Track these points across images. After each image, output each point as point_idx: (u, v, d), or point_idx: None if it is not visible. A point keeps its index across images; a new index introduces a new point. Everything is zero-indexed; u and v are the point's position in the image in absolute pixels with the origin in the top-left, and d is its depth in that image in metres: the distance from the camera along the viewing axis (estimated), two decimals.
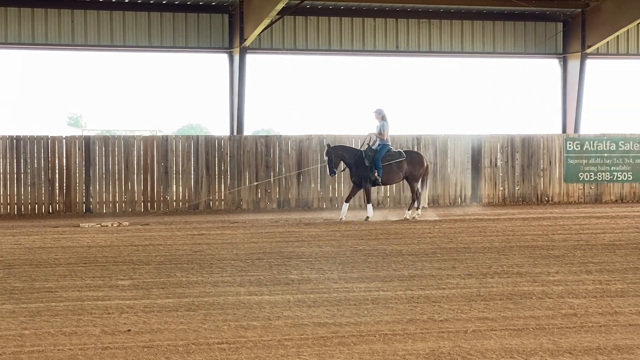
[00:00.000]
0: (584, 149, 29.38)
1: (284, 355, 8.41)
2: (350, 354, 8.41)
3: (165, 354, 8.50)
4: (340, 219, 23.09)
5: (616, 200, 29.48)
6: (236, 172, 27.22)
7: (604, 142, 29.51)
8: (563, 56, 31.03)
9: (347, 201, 23.70)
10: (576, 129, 30.60)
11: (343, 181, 27.85)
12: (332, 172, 23.60)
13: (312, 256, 15.47)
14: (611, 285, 12.22)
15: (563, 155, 29.21)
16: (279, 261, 14.85)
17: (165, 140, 27.18)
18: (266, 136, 28.83)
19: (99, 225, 21.99)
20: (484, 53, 30.82)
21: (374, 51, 29.91)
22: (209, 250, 16.47)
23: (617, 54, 31.72)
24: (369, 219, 22.96)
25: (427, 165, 24.22)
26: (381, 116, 23.31)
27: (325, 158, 23.70)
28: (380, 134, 23.31)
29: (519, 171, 28.92)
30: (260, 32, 27.61)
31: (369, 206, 23.39)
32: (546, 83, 32.49)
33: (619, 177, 29.60)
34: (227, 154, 27.21)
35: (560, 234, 19.10)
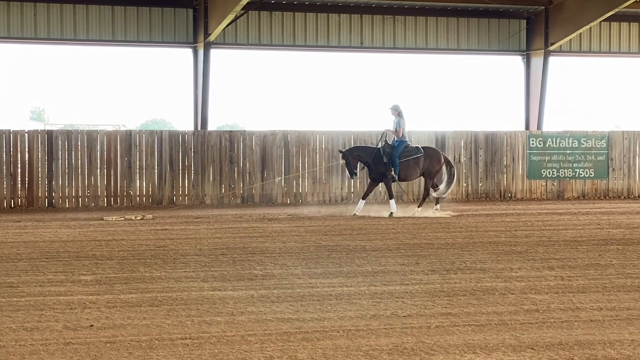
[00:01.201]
0: (547, 145, 29.55)
1: (248, 350, 8.40)
2: (313, 350, 8.41)
3: (128, 350, 8.47)
4: (354, 214, 22.99)
5: (578, 197, 29.68)
6: (200, 167, 27.14)
7: (567, 139, 29.70)
8: (526, 53, 31.19)
9: (363, 198, 23.70)
10: (539, 126, 30.77)
11: (307, 177, 27.86)
12: (353, 174, 23.74)
13: (275, 252, 15.46)
14: (573, 281, 12.30)
15: (526, 152, 29.37)
16: (243, 257, 14.83)
17: (129, 135, 27.06)
18: (230, 131, 28.78)
19: (122, 219, 22.10)
20: (448, 50, 30.92)
21: (339, 47, 29.91)
22: (172, 246, 16.41)
23: (580, 52, 31.93)
24: (393, 215, 22.86)
25: (446, 160, 24.11)
26: (397, 112, 23.33)
27: (342, 162, 23.72)
28: (396, 130, 23.32)
29: (483, 167, 29.05)
30: (225, 27, 27.53)
31: (392, 202, 23.37)
32: (510, 80, 32.66)
33: (581, 174, 29.80)
34: (191, 149, 27.12)
35: (523, 230, 19.21)
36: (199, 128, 28.23)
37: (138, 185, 26.83)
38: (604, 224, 20.65)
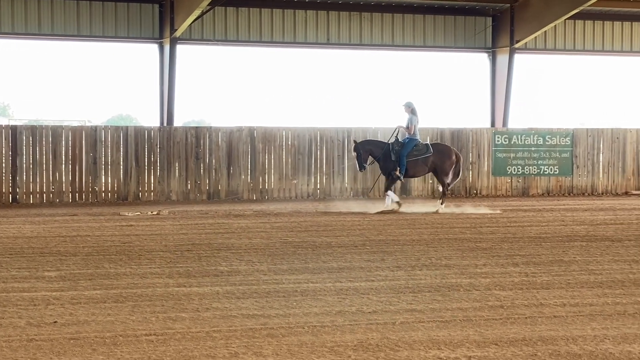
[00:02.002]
0: (512, 142, 29.71)
1: (212, 347, 8.38)
2: (278, 346, 8.41)
3: (92, 346, 8.43)
4: (394, 207, 23.01)
5: (543, 194, 29.86)
6: (166, 163, 27.07)
7: (532, 136, 29.86)
8: (492, 50, 31.32)
9: (388, 192, 23.61)
10: (504, 123, 30.91)
11: (273, 173, 27.85)
12: (362, 167, 23.76)
13: (241, 248, 15.44)
14: (537, 277, 12.37)
15: (492, 148, 29.51)
16: (208, 253, 14.80)
17: (94, 131, 26.93)
18: (196, 127, 28.73)
19: (139, 213, 22.21)
20: (414, 46, 30.96)
21: (305, 43, 29.89)
22: (137, 242, 16.35)
23: (545, 49, 32.11)
24: (383, 211, 22.83)
25: (458, 156, 24.12)
26: (410, 109, 23.32)
27: (354, 154, 23.75)
28: (408, 127, 23.31)
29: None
30: (191, 23, 27.46)
31: (387, 198, 23.43)
32: (476, 77, 32.81)
33: (546, 171, 29.99)
34: (156, 145, 27.04)
35: (488, 226, 19.29)
36: (165, 124, 28.13)
37: (103, 181, 26.72)
38: (568, 220, 20.78)
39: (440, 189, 24.23)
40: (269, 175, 27.96)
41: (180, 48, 28.35)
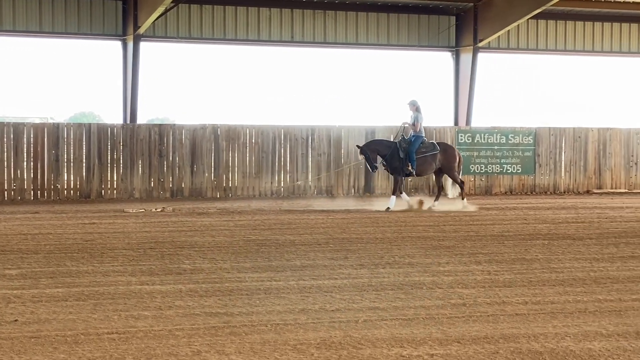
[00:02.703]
0: (475, 141, 29.85)
1: (175, 345, 8.35)
2: (241, 344, 8.39)
3: (53, 344, 8.37)
4: (408, 205, 23.33)
5: (505, 192, 30.02)
6: (129, 160, 26.95)
7: (495, 134, 30.01)
8: (456, 49, 31.44)
9: (394, 194, 23.75)
10: (468, 122, 31.04)
11: (236, 171, 27.80)
12: (374, 168, 23.84)
13: (204, 246, 15.40)
14: (499, 275, 12.43)
15: (455, 147, 29.60)
16: (172, 251, 14.75)
17: (56, 128, 26.76)
18: (160, 125, 28.62)
19: (143, 210, 22.27)
20: (378, 45, 31.01)
21: (269, 41, 29.86)
22: (100, 240, 16.27)
23: (508, 49, 32.27)
24: (390, 210, 22.98)
25: (460, 157, 24.40)
26: (415, 107, 23.49)
27: (361, 157, 23.87)
28: (414, 125, 23.44)
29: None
30: (155, 20, 27.34)
31: (393, 197, 23.55)
32: (439, 76, 32.92)
33: (509, 170, 30.15)
34: (120, 142, 26.91)
35: (451, 225, 19.36)
36: (128, 121, 28.01)
37: (65, 178, 26.55)
38: (530, 219, 20.90)
39: (453, 187, 24.35)
40: (233, 173, 27.91)
41: (143, 45, 28.23)
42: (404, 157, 23.38)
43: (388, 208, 23.12)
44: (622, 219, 21.10)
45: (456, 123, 31.32)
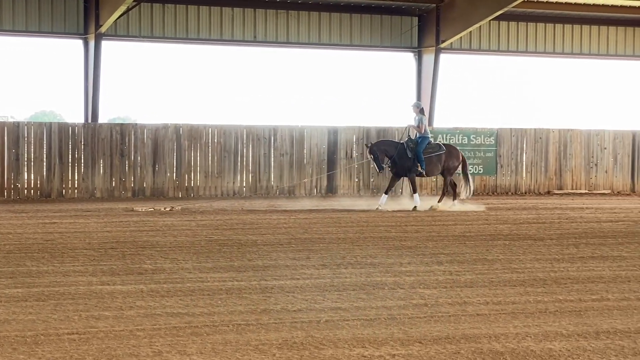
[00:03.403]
0: (437, 142, 29.88)
1: (136, 345, 8.31)
2: (203, 344, 8.37)
3: (13, 345, 8.30)
4: (377, 208, 23.26)
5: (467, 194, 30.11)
6: (90, 160, 26.79)
7: (457, 135, 30.12)
8: (418, 50, 31.53)
9: (386, 193, 23.95)
10: (430, 122, 31.11)
11: (198, 171, 27.73)
12: (381, 168, 23.97)
13: (166, 246, 15.35)
14: (461, 275, 12.47)
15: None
16: (133, 251, 14.68)
17: (16, 127, 26.54)
18: (121, 124, 28.50)
19: (152, 209, 22.35)
20: (341, 45, 31.03)
21: (232, 41, 29.79)
22: (60, 239, 16.16)
23: (470, 50, 32.41)
24: (417, 209, 23.28)
25: (463, 159, 24.72)
26: (419, 109, 23.95)
27: (370, 156, 24.03)
28: (418, 126, 23.75)
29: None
30: (117, 19, 27.19)
31: (416, 196, 23.87)
32: (402, 76, 32.98)
33: (470, 170, 30.26)
34: (81, 141, 26.76)
35: (413, 225, 19.41)
36: (90, 120, 27.85)
37: (26, 177, 26.35)
38: (491, 219, 21.00)
39: (465, 187, 24.69)
40: (195, 172, 27.83)
41: (105, 44, 28.08)
42: (412, 157, 23.68)
43: (415, 207, 23.52)
44: (582, 219, 21.25)
45: None
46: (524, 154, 31.08)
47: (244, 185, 28.21)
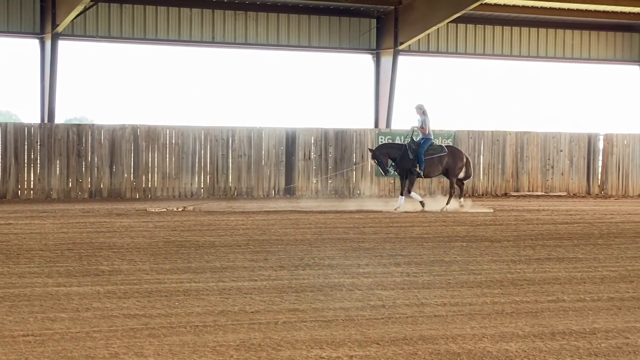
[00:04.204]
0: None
1: (92, 347, 8.26)
2: (160, 346, 8.33)
3: None
4: (396, 209, 23.65)
5: (425, 195, 30.20)
6: (46, 160, 26.59)
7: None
8: (376, 52, 31.59)
9: (402, 194, 24.22)
10: (388, 124, 31.20)
11: (156, 172, 27.61)
12: (386, 172, 24.59)
13: (123, 247, 15.27)
14: (418, 277, 12.51)
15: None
16: (90, 252, 14.59)
17: None
18: (78, 125, 28.30)
19: (165, 209, 22.47)
20: (299, 46, 31.02)
21: (190, 41, 29.69)
22: (16, 241, 16.02)
23: (428, 52, 32.52)
24: (398, 209, 23.56)
25: (467, 159, 25.10)
26: (422, 111, 24.12)
27: (374, 161, 24.59)
28: (422, 128, 24.01)
29: (332, 164, 29.29)
30: (74, 19, 27.00)
31: (413, 194, 24.22)
32: (360, 78, 33.03)
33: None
34: (37, 142, 26.54)
35: (371, 227, 19.45)
36: (46, 121, 27.63)
37: None
38: (449, 221, 21.09)
39: (454, 190, 24.94)
40: (152, 174, 27.71)
41: (62, 44, 27.87)
42: (413, 158, 23.96)
43: (422, 203, 23.97)
44: (538, 221, 21.40)
45: (376, 125, 31.46)
46: (482, 156, 31.24)
47: (202, 186, 28.13)
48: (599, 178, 32.53)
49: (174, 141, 27.81)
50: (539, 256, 14.96)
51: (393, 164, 24.37)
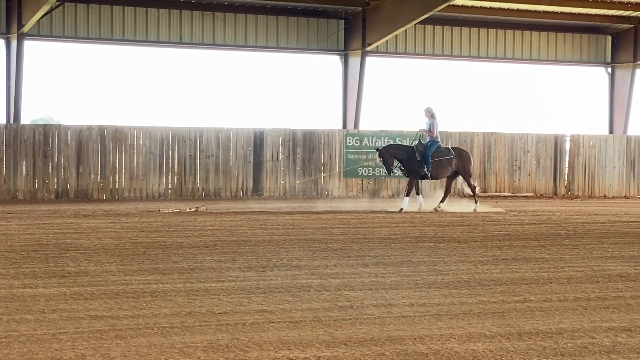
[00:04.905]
0: (363, 144, 30.04)
1: (59, 349, 8.21)
2: (127, 347, 8.30)
3: None
4: (419, 208, 24.15)
5: (392, 195, 30.28)
6: (12, 161, 26.42)
7: (382, 138, 30.25)
8: (344, 53, 31.62)
9: (418, 193, 24.60)
10: (356, 125, 31.24)
11: (123, 173, 27.50)
12: (390, 171, 24.65)
13: (90, 248, 15.19)
14: (386, 278, 12.53)
15: (343, 150, 29.78)
16: (56, 253, 14.51)
17: None
18: (45, 125, 28.12)
19: (177, 210, 22.66)
20: (267, 47, 30.98)
21: (157, 42, 29.59)
22: None
23: (396, 53, 32.59)
24: (403, 211, 23.66)
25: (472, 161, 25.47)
26: (430, 114, 24.35)
27: (379, 160, 24.76)
28: (430, 131, 24.26)
29: (300, 165, 29.30)
30: (40, 19, 26.84)
31: (406, 199, 24.22)
32: (329, 79, 33.05)
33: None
34: (2, 142, 26.36)
35: (339, 227, 19.46)
36: (12, 121, 27.44)
37: None
38: (417, 221, 21.14)
39: (467, 190, 25.64)
40: (120, 174, 27.59)
41: (28, 44, 27.70)
42: (421, 160, 24.11)
43: (401, 209, 23.86)
44: (505, 222, 21.50)
45: (344, 126, 31.49)
46: None
47: (169, 187, 28.05)
48: (566, 179, 32.74)
49: (141, 142, 27.71)
50: (506, 257, 15.02)
51: (399, 164, 24.50)
